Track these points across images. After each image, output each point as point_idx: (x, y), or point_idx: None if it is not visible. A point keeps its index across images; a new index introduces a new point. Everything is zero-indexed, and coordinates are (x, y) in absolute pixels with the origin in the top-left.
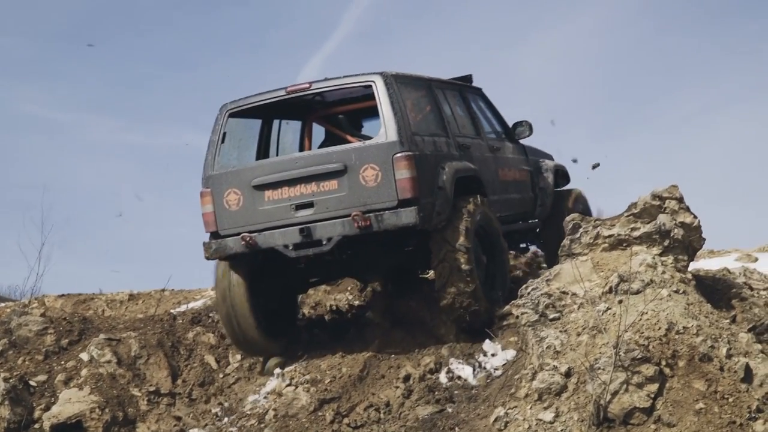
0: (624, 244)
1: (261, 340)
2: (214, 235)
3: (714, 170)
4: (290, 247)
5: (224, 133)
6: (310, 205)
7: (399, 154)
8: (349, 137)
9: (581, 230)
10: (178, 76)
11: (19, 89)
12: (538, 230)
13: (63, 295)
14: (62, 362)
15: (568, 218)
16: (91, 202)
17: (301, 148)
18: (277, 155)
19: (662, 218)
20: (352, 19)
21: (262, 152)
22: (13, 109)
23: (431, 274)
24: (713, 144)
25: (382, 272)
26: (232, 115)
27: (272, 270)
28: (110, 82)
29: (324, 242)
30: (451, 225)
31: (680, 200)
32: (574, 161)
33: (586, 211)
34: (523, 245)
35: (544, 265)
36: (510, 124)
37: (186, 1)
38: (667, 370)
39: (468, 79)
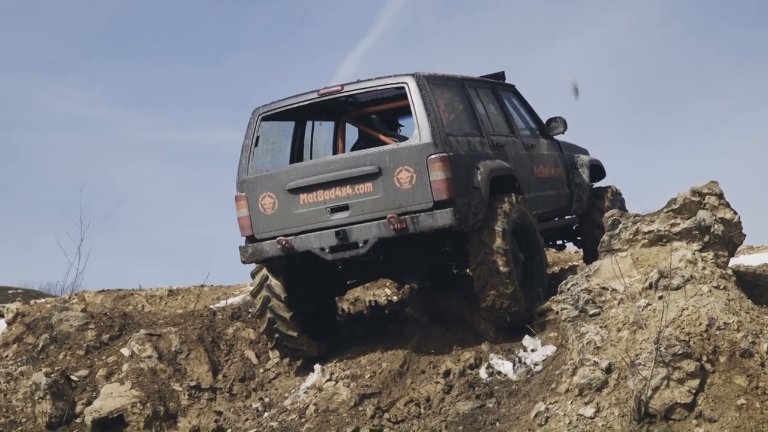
0: (664, 240)
1: (302, 343)
2: (250, 239)
3: (751, 167)
4: (326, 250)
5: (257, 137)
6: (345, 207)
7: (433, 156)
8: (382, 137)
9: (621, 226)
10: (212, 73)
11: (55, 87)
12: (575, 227)
13: (103, 290)
14: (103, 357)
15: (607, 214)
16: (127, 198)
17: (335, 150)
18: (311, 157)
19: (702, 214)
20: (388, 18)
21: (296, 154)
22: (49, 107)
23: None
24: (751, 141)
25: (419, 273)
26: (265, 119)
27: (309, 273)
28: (144, 79)
29: (360, 245)
30: (487, 226)
31: (720, 196)
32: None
33: (622, 208)
34: (559, 242)
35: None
36: (544, 120)
37: (219, 0)
38: (708, 366)
39: (501, 76)
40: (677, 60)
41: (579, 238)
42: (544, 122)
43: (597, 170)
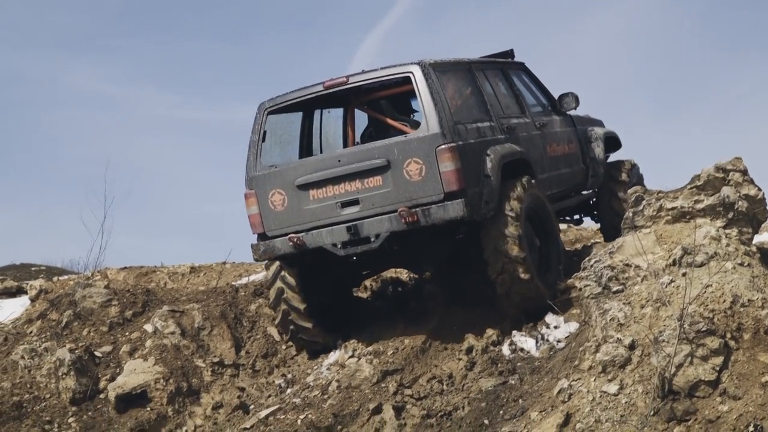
0: (687, 217)
1: (317, 335)
2: (262, 237)
3: None
4: (338, 246)
5: (264, 132)
6: (355, 202)
7: (442, 146)
8: (392, 122)
9: (644, 203)
10: (235, 50)
11: (79, 65)
12: (591, 202)
13: (125, 267)
14: (126, 333)
15: (630, 190)
16: (150, 176)
17: (345, 136)
18: (320, 146)
19: (726, 190)
20: None
21: (305, 145)
22: (73, 85)
23: None
24: None
25: (434, 261)
26: (272, 113)
27: (324, 266)
28: (168, 57)
29: (372, 239)
30: (500, 213)
31: (744, 172)
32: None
33: (640, 182)
34: (576, 216)
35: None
36: (555, 96)
37: None
38: (732, 343)
39: (509, 54)
40: (704, 35)
41: (596, 212)
42: (556, 98)
43: (612, 142)
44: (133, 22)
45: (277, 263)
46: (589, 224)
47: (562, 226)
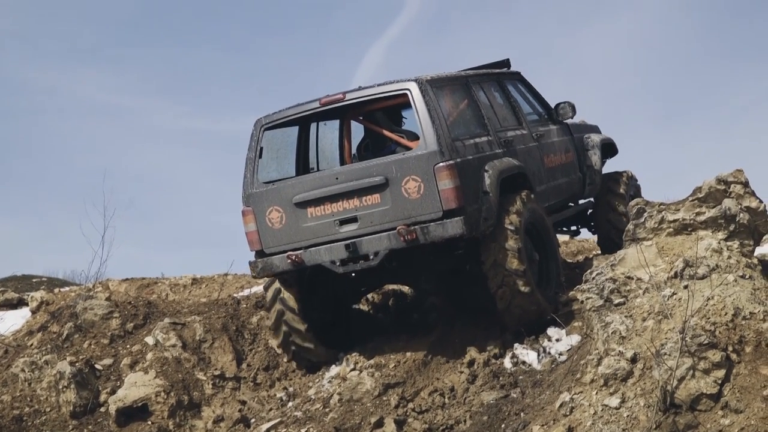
0: (689, 229)
1: (319, 354)
2: (260, 254)
3: None
4: (337, 263)
5: (261, 148)
6: (354, 219)
7: (440, 164)
8: (388, 133)
9: (646, 215)
10: (241, 60)
11: (86, 75)
12: (589, 212)
13: (127, 279)
14: (128, 346)
15: (632, 203)
16: (153, 186)
17: (341, 149)
18: (317, 159)
19: (727, 203)
20: (415, 5)
21: (302, 158)
22: (80, 95)
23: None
24: None
25: (433, 278)
26: (268, 129)
27: (323, 283)
28: (175, 67)
29: (371, 257)
30: (500, 227)
31: (745, 184)
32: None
33: (637, 193)
34: (573, 227)
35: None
36: (552, 105)
37: None
38: (734, 356)
39: (506, 63)
40: (708, 46)
41: (593, 223)
42: (552, 107)
43: (608, 148)
44: (138, 32)
45: (276, 285)
46: (590, 236)
47: (562, 238)
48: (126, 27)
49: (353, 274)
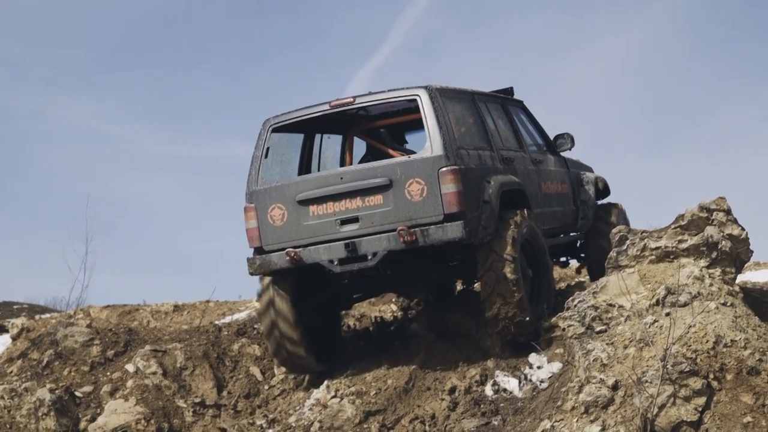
0: (671, 257)
1: (305, 357)
2: (258, 251)
3: (760, 183)
4: (335, 263)
5: (267, 148)
6: (355, 220)
7: (445, 168)
8: (390, 151)
9: (628, 242)
10: (226, 87)
11: (70, 100)
12: (579, 244)
13: (108, 306)
14: (108, 373)
15: (614, 230)
16: (136, 212)
17: (342, 163)
18: (318, 170)
19: (710, 230)
20: (401, 32)
21: (304, 167)
22: (64, 121)
23: (477, 285)
24: (759, 156)
25: (426, 287)
26: (275, 130)
27: (316, 286)
28: (159, 93)
29: (369, 257)
30: (497, 235)
31: (728, 212)
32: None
33: (626, 223)
34: (564, 259)
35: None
36: (551, 136)
37: (234, 13)
38: (714, 384)
39: (509, 91)
40: (692, 73)
41: (583, 255)
42: (552, 138)
43: (602, 187)
44: (123, 58)
45: (270, 292)
46: (573, 264)
47: None
48: (110, 53)
49: (346, 280)
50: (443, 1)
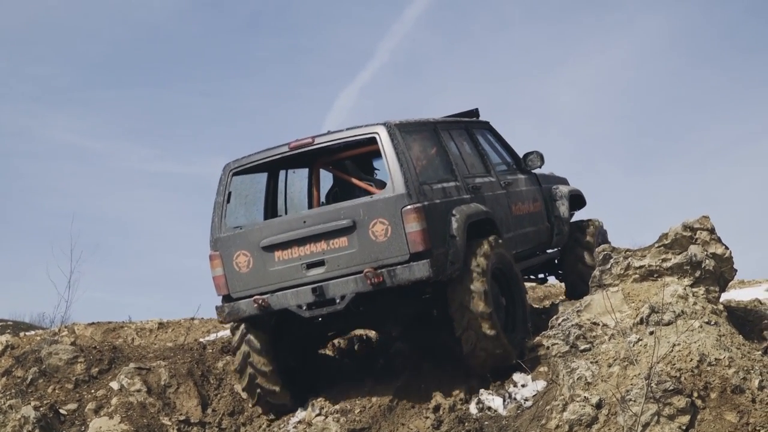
0: (655, 275)
1: (284, 398)
2: (227, 298)
3: (744, 201)
4: (303, 308)
5: (229, 193)
6: (321, 263)
7: (408, 207)
8: (356, 181)
9: (612, 261)
10: (212, 104)
11: (55, 117)
12: (556, 260)
13: (93, 323)
14: (92, 391)
15: (599, 249)
16: (121, 230)
17: (310, 196)
18: (285, 206)
19: (693, 249)
20: (387, 50)
21: (270, 205)
22: (49, 138)
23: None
24: (744, 175)
25: (400, 321)
26: (236, 174)
27: (289, 327)
28: (145, 110)
29: (337, 300)
30: (466, 270)
31: (711, 231)
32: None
33: (604, 241)
34: (541, 275)
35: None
36: (521, 154)
37: (220, 31)
38: (698, 402)
39: (475, 113)
40: (679, 90)
41: (561, 271)
42: (521, 156)
43: (577, 200)
44: (109, 75)
45: (243, 327)
46: (557, 281)
47: (529, 284)
48: (96, 70)
49: (320, 319)
50: (430, 19)
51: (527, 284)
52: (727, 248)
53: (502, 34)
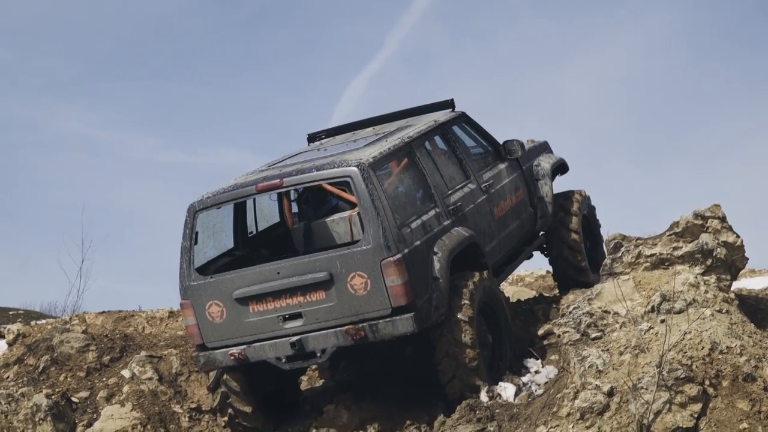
0: (666, 264)
1: (262, 424)
2: (202, 348)
3: (754, 191)
4: (283, 360)
5: (196, 234)
6: (298, 315)
7: (387, 260)
8: (329, 187)
9: (623, 249)
10: (220, 95)
11: (63, 109)
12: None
13: (103, 312)
14: (104, 379)
15: (609, 237)
16: (129, 219)
17: (280, 206)
18: (255, 220)
19: (705, 237)
20: (395, 41)
21: (240, 227)
22: (57, 129)
23: None
24: (754, 168)
25: (383, 355)
26: (202, 211)
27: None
28: (154, 101)
29: (318, 354)
30: (452, 316)
31: (723, 219)
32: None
33: (591, 213)
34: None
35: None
36: (500, 142)
37: (230, 21)
38: (710, 390)
39: (450, 104)
40: (687, 84)
41: (547, 249)
42: (501, 144)
43: (559, 168)
44: (118, 67)
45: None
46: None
47: (539, 272)
48: (105, 61)
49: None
50: (439, 10)
51: (534, 270)
52: (738, 236)
53: (510, 27)
